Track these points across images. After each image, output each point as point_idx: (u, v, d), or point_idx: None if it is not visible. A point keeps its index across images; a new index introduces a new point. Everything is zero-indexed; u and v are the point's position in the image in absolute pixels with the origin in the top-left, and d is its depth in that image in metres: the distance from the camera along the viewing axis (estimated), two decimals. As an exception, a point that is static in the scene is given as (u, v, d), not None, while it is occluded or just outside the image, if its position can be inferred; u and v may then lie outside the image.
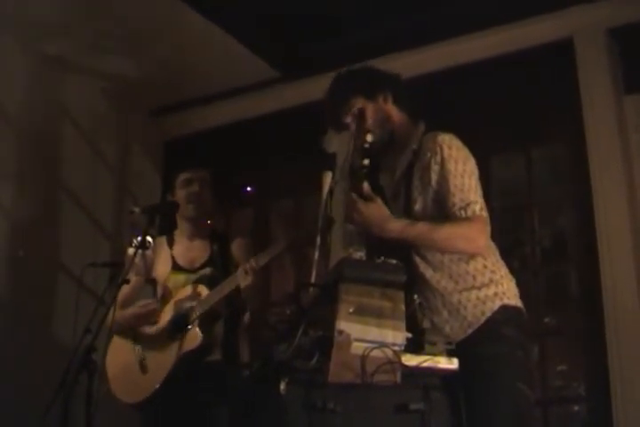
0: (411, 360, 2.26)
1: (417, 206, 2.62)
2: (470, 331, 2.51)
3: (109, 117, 5.06)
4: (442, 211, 2.58)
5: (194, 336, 3.36)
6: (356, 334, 2.20)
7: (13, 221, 4.37)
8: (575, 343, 4.19)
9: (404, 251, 2.57)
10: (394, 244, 2.55)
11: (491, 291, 2.54)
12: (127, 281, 3.14)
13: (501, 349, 2.47)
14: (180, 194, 3.61)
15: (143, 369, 3.44)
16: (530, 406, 2.54)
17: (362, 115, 2.69)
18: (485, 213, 2.57)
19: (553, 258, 4.47)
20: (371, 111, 2.72)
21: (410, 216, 2.60)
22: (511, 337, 2.50)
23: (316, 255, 2.50)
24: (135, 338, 3.53)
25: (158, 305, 3.51)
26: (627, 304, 3.81)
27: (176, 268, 3.61)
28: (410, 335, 2.27)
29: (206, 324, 3.39)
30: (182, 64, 4.82)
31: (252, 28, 4.66)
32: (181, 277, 3.57)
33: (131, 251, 3.24)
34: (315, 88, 3.07)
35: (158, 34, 4.55)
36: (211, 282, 3.45)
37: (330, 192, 2.60)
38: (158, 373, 3.36)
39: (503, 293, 2.56)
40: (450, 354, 2.34)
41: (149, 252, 3.44)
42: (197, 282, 3.48)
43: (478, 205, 2.56)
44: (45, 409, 2.78)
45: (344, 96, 2.75)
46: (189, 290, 3.47)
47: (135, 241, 3.22)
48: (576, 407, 4.35)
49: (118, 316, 3.24)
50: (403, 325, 2.25)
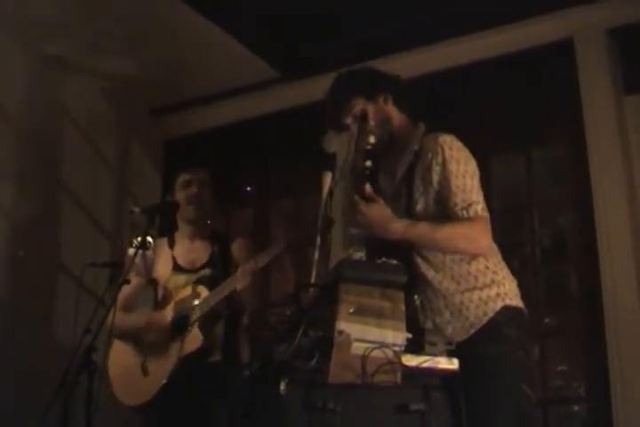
0: (411, 361, 2.26)
1: (419, 207, 2.62)
2: (472, 331, 2.51)
3: (109, 117, 5.06)
4: (443, 211, 2.58)
5: (194, 338, 3.35)
6: (357, 335, 2.20)
7: (13, 221, 4.37)
8: (575, 343, 4.19)
9: (406, 252, 2.57)
10: (395, 245, 2.55)
11: (493, 291, 2.55)
12: (127, 281, 3.14)
13: (503, 349, 2.47)
14: (180, 196, 3.61)
15: (144, 371, 3.43)
16: (531, 406, 2.55)
17: (364, 116, 2.69)
18: (487, 214, 2.57)
19: (553, 258, 4.47)
20: (371, 112, 2.72)
21: (411, 217, 2.60)
22: (513, 337, 2.51)
23: (316, 255, 2.50)
24: (136, 340, 3.52)
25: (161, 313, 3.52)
26: (627, 304, 3.81)
27: (177, 269, 3.60)
28: (410, 336, 2.27)
29: (206, 325, 3.38)
30: (182, 64, 4.82)
31: (252, 28, 4.66)
32: (182, 277, 3.57)
33: (131, 251, 3.24)
34: (315, 88, 3.08)
35: (158, 34, 4.54)
36: (211, 283, 3.45)
37: (330, 192, 2.60)
38: (159, 375, 3.36)
39: (505, 293, 2.56)
40: (450, 354, 2.34)
41: (150, 252, 3.43)
42: (197, 283, 3.48)
43: (480, 206, 2.56)
44: (45, 409, 2.78)
45: (344, 97, 2.75)
46: (189, 291, 3.46)
47: (135, 241, 3.22)
48: (576, 407, 4.35)
49: (120, 322, 3.24)
50: (403, 325, 2.26)
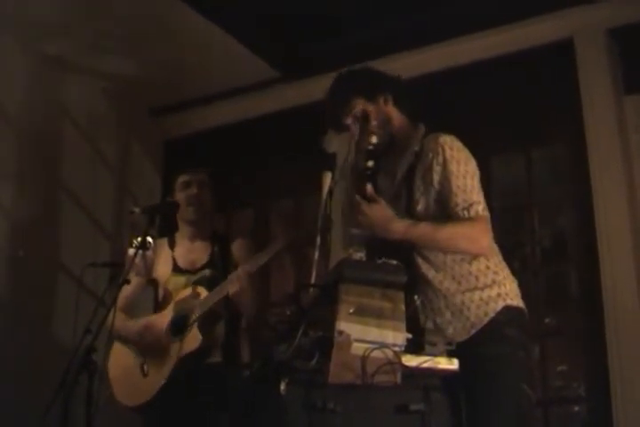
0: (411, 361, 2.26)
1: (419, 207, 2.62)
2: (473, 331, 2.51)
3: (109, 117, 5.05)
4: (444, 211, 2.58)
5: (193, 338, 3.35)
6: (357, 335, 2.20)
7: (13, 221, 4.37)
8: (575, 344, 4.19)
9: (407, 252, 2.57)
10: (396, 245, 2.55)
11: (494, 292, 2.55)
12: (128, 281, 3.14)
13: (504, 349, 2.47)
14: (180, 196, 3.61)
15: (144, 372, 3.42)
16: (531, 406, 2.55)
17: (366, 116, 2.68)
18: (488, 214, 2.57)
19: (553, 258, 4.47)
20: (372, 113, 2.72)
21: (412, 217, 2.60)
22: (514, 338, 2.51)
23: (316, 255, 2.50)
24: (136, 343, 3.52)
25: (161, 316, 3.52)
26: (627, 304, 3.81)
27: (176, 270, 3.60)
28: (410, 336, 2.27)
29: (206, 325, 3.38)
30: (182, 64, 4.82)
31: (252, 28, 4.66)
32: (182, 278, 3.56)
33: (131, 251, 3.24)
34: (315, 88, 3.07)
35: (158, 34, 4.54)
36: (210, 283, 3.44)
37: (329, 192, 2.60)
38: (158, 376, 3.36)
39: (506, 293, 2.56)
40: (450, 355, 2.34)
41: (150, 252, 3.43)
42: (197, 283, 3.48)
43: (481, 206, 2.56)
44: (45, 409, 2.78)
45: (345, 97, 2.75)
46: (189, 291, 3.46)
47: (135, 241, 3.22)
48: (576, 408, 4.35)
49: (122, 326, 3.23)
50: (403, 325, 2.25)
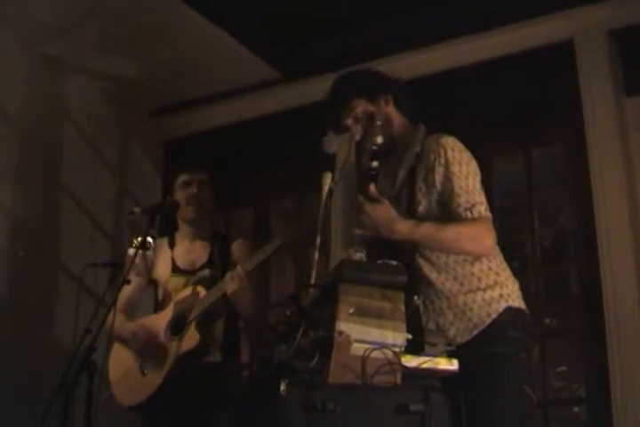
0: (411, 361, 2.25)
1: (420, 208, 2.61)
2: (475, 332, 2.50)
3: (109, 118, 5.05)
4: (446, 212, 2.57)
5: (191, 336, 3.35)
6: (356, 335, 2.19)
7: (13, 221, 4.37)
8: (575, 344, 4.19)
9: (408, 253, 2.57)
10: (397, 246, 2.55)
11: (496, 293, 2.54)
12: (128, 282, 3.14)
13: (506, 350, 2.47)
14: (179, 196, 3.60)
15: (142, 372, 3.43)
16: (532, 407, 2.54)
17: (371, 117, 2.66)
18: (490, 214, 2.57)
19: (553, 258, 4.47)
20: (365, 115, 2.71)
21: (413, 218, 2.59)
22: (516, 339, 2.50)
23: (316, 256, 2.50)
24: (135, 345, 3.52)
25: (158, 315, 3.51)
26: (627, 305, 3.81)
27: (176, 270, 3.59)
28: (410, 336, 2.27)
29: (204, 324, 3.38)
30: (182, 64, 4.81)
31: (253, 29, 4.66)
32: (181, 278, 3.56)
33: (131, 251, 3.24)
34: (315, 89, 3.07)
35: (158, 34, 4.54)
36: (210, 283, 3.44)
37: (329, 193, 2.60)
38: (157, 375, 3.36)
39: (508, 294, 2.56)
40: (451, 355, 2.34)
41: (150, 252, 3.44)
42: (196, 283, 3.48)
43: (483, 206, 2.56)
44: (45, 410, 2.78)
45: (345, 98, 2.74)
46: (188, 291, 3.46)
47: (135, 241, 3.22)
48: (576, 409, 4.35)
49: (120, 326, 3.23)
50: (403, 326, 2.25)
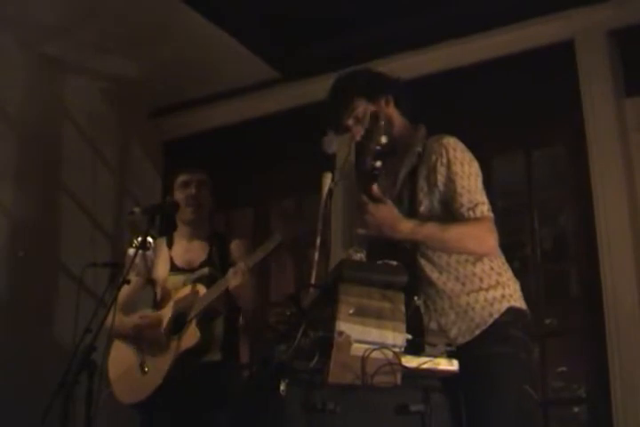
0: (411, 362, 2.25)
1: (422, 208, 2.61)
2: (478, 332, 2.50)
3: (109, 118, 5.05)
4: (448, 212, 2.57)
5: (191, 335, 3.36)
6: (356, 336, 2.19)
7: (13, 221, 4.37)
8: (575, 344, 4.19)
9: (410, 253, 2.57)
10: (399, 246, 2.54)
11: (498, 293, 2.54)
12: (127, 281, 3.14)
13: (508, 350, 2.47)
14: (179, 196, 3.61)
15: (143, 370, 3.43)
16: (534, 407, 2.55)
17: (376, 116, 2.65)
18: (492, 214, 2.57)
19: (553, 258, 4.47)
20: (368, 115, 2.70)
21: (414, 218, 2.59)
22: (518, 339, 2.50)
23: (316, 256, 2.50)
24: (135, 339, 3.52)
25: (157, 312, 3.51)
26: (627, 305, 3.81)
27: (174, 269, 3.61)
28: (410, 337, 2.27)
29: (204, 322, 3.39)
30: (182, 64, 4.81)
31: (253, 29, 4.66)
32: (180, 277, 3.57)
33: (131, 251, 3.24)
34: (315, 89, 3.07)
35: (158, 34, 4.54)
36: (209, 281, 3.46)
37: (329, 193, 2.60)
38: (157, 373, 3.36)
39: (510, 295, 2.56)
40: (451, 355, 2.34)
41: (150, 252, 3.44)
42: (196, 282, 3.49)
43: (486, 206, 2.56)
44: (45, 409, 2.78)
45: (346, 98, 2.74)
46: (188, 290, 3.47)
47: (135, 241, 3.22)
48: (576, 409, 4.35)
49: (119, 323, 3.23)
50: (403, 326, 2.25)
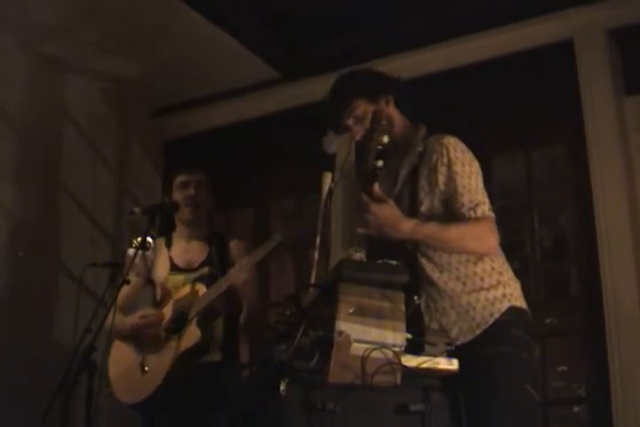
0: (411, 361, 2.25)
1: (423, 208, 2.61)
2: (479, 332, 2.51)
3: (109, 118, 5.05)
4: (448, 212, 2.57)
5: (192, 334, 3.35)
6: (356, 335, 2.19)
7: (13, 221, 4.37)
8: (575, 344, 4.19)
9: (410, 253, 2.57)
10: (399, 246, 2.54)
11: (499, 292, 2.54)
12: (127, 282, 3.14)
13: (509, 349, 2.47)
14: (177, 197, 3.61)
15: (143, 370, 3.43)
16: (535, 407, 2.55)
17: (378, 116, 2.63)
18: (493, 214, 2.57)
19: (553, 258, 4.47)
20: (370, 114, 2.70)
21: (414, 218, 2.59)
22: (518, 338, 2.51)
23: (316, 256, 2.50)
24: (135, 338, 3.52)
25: (158, 311, 3.51)
26: (627, 305, 3.81)
27: (174, 269, 3.60)
28: (410, 336, 2.27)
29: (204, 322, 3.39)
30: (182, 64, 4.81)
31: (253, 29, 4.66)
32: (180, 277, 3.57)
33: (131, 251, 3.24)
34: (315, 89, 3.07)
35: (158, 34, 4.54)
36: (209, 281, 3.46)
37: (329, 193, 2.60)
38: (157, 373, 3.36)
39: (511, 294, 2.56)
40: (452, 355, 2.33)
41: (149, 252, 3.44)
42: (196, 281, 3.49)
43: (487, 206, 2.56)
44: (45, 409, 2.78)
45: (346, 98, 2.74)
46: (188, 289, 3.47)
47: (135, 242, 3.22)
48: (576, 408, 4.35)
49: (119, 323, 3.23)
50: (403, 325, 2.25)
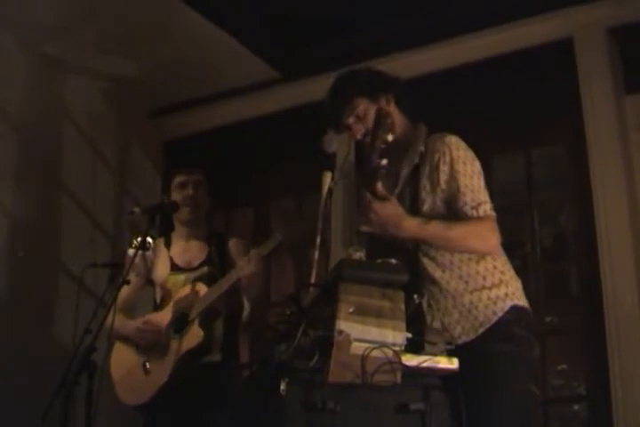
0: (411, 360, 2.25)
1: (425, 207, 2.60)
2: (481, 330, 2.51)
3: (109, 118, 5.05)
4: (450, 211, 2.57)
5: (194, 334, 3.35)
6: (356, 334, 2.19)
7: (13, 221, 4.37)
8: (575, 342, 4.20)
9: (412, 252, 2.57)
10: (400, 245, 2.54)
11: (501, 291, 2.54)
12: (127, 282, 3.14)
13: (512, 348, 2.47)
14: (175, 197, 3.61)
15: (146, 371, 3.43)
16: (537, 405, 2.55)
17: (383, 114, 2.62)
18: (494, 214, 2.57)
19: (553, 258, 4.47)
20: (374, 113, 2.70)
21: (417, 217, 2.59)
22: (522, 337, 2.51)
23: (316, 255, 2.50)
24: (136, 342, 3.52)
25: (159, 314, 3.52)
26: (627, 305, 3.81)
27: (174, 269, 3.60)
28: (410, 335, 2.27)
29: (206, 322, 3.39)
30: (182, 64, 4.81)
31: (253, 29, 4.66)
32: (180, 277, 3.57)
33: (131, 252, 3.24)
34: (315, 89, 3.07)
35: (158, 34, 4.54)
36: (209, 280, 3.46)
37: (329, 192, 2.60)
38: (160, 374, 3.36)
39: (513, 293, 2.56)
40: (453, 354, 2.33)
41: (149, 253, 3.44)
42: (196, 281, 3.49)
43: (488, 205, 2.56)
44: (45, 409, 2.78)
45: (346, 97, 2.73)
46: (188, 289, 3.47)
47: (135, 242, 3.22)
48: (576, 406, 4.35)
49: (119, 324, 3.23)
50: (403, 325, 2.25)
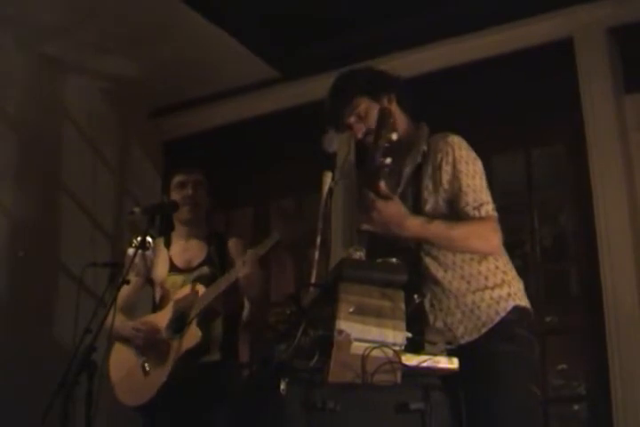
0: (411, 360, 2.25)
1: (427, 207, 2.60)
2: (484, 330, 2.50)
3: (109, 118, 5.06)
4: (452, 211, 2.57)
5: (193, 334, 3.36)
6: (356, 334, 2.19)
7: (13, 221, 4.37)
8: (575, 342, 4.20)
9: (414, 252, 2.57)
10: (402, 245, 2.54)
11: (504, 291, 2.54)
12: (127, 282, 3.14)
13: (514, 348, 2.47)
14: (175, 197, 3.62)
15: (145, 372, 3.43)
16: (539, 406, 2.54)
17: (387, 113, 2.60)
18: (496, 214, 2.57)
19: (553, 258, 4.47)
20: (375, 112, 2.69)
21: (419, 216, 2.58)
22: (524, 337, 2.51)
23: (316, 255, 2.50)
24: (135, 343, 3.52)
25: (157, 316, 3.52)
26: (627, 305, 3.82)
27: (173, 269, 3.61)
28: (410, 335, 2.27)
29: (205, 322, 3.39)
30: (182, 64, 4.81)
31: (253, 29, 4.66)
32: (179, 277, 3.57)
33: (131, 251, 3.24)
34: (315, 88, 3.07)
35: (158, 34, 4.54)
36: (209, 280, 3.46)
37: (329, 192, 2.60)
38: (159, 375, 3.36)
39: (515, 293, 2.56)
40: (454, 354, 2.33)
41: (149, 252, 3.44)
42: (195, 281, 3.49)
43: (490, 206, 2.56)
44: (45, 409, 2.78)
45: (347, 96, 2.72)
46: (187, 289, 3.47)
47: (135, 241, 3.22)
48: (576, 406, 4.35)
49: (119, 324, 3.23)
50: (403, 324, 2.24)
